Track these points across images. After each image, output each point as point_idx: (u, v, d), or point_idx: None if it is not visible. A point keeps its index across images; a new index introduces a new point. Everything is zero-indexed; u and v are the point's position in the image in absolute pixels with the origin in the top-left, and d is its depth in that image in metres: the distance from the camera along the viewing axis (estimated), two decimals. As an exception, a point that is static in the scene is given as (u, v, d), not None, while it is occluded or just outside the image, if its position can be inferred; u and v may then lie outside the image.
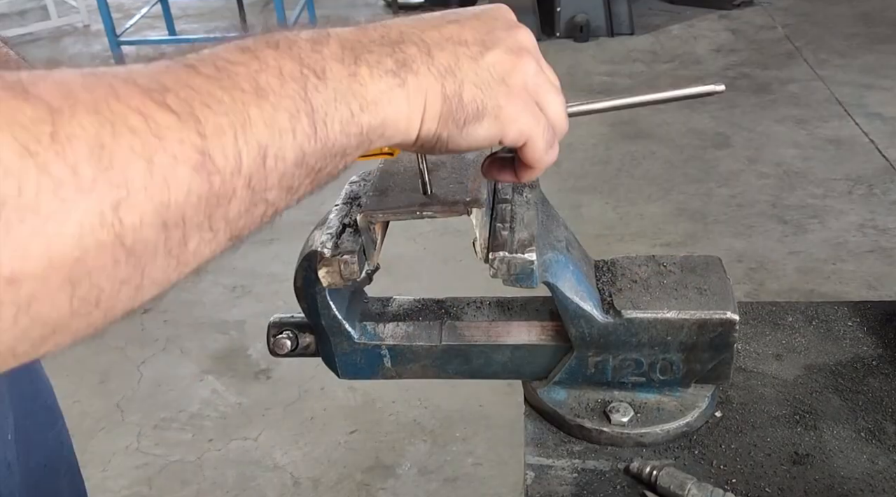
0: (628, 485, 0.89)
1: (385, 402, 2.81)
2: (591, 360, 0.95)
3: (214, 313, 3.32)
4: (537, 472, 0.92)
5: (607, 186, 4.10)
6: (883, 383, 1.02)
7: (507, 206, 0.93)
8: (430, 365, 0.98)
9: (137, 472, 2.59)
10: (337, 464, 2.58)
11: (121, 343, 3.19)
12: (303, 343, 1.00)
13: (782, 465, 0.91)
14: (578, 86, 5.38)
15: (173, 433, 2.74)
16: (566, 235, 0.97)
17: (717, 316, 0.91)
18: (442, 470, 2.54)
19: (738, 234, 3.64)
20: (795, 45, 5.81)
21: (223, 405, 2.85)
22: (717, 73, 5.44)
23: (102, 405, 2.86)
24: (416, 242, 3.69)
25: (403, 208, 0.87)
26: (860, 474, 0.89)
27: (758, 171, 4.16)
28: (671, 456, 0.93)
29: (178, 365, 3.05)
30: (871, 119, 4.62)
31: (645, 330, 0.92)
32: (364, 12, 7.27)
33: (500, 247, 0.86)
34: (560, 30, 6.20)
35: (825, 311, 1.16)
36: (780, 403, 1.00)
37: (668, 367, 0.95)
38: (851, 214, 3.73)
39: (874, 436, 0.94)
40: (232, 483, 2.54)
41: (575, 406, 0.97)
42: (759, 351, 1.09)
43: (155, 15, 6.90)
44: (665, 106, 5.03)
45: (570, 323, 0.92)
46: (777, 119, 4.72)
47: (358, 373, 1.00)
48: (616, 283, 0.97)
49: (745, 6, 6.66)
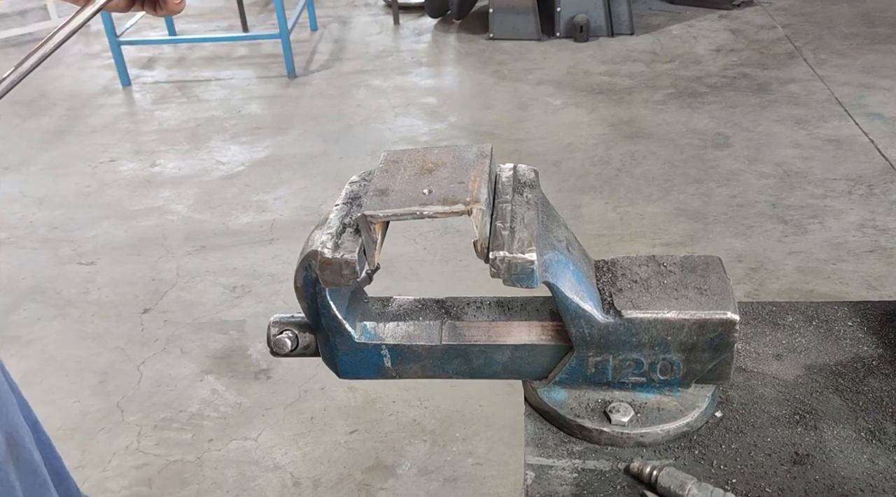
0: (628, 485, 0.89)
1: (385, 402, 2.81)
2: (592, 360, 0.95)
3: (214, 313, 3.32)
4: (537, 472, 0.92)
5: (607, 186, 4.10)
6: (883, 383, 1.02)
7: (508, 206, 0.93)
8: (430, 365, 0.99)
9: (137, 472, 2.59)
10: (337, 464, 2.58)
11: (121, 343, 3.19)
12: (303, 343, 1.00)
13: (782, 465, 0.91)
14: (578, 86, 5.38)
15: (173, 433, 2.74)
16: (566, 235, 0.97)
17: (717, 316, 0.91)
18: (442, 470, 2.54)
19: (738, 234, 3.64)
20: (795, 45, 5.81)
21: (223, 405, 2.85)
22: (717, 73, 5.45)
23: (102, 405, 2.86)
24: (416, 242, 3.69)
25: (403, 208, 0.87)
26: (860, 474, 0.89)
27: (758, 171, 4.17)
28: (671, 456, 0.93)
29: (178, 365, 3.05)
30: (871, 119, 4.62)
31: (645, 330, 0.92)
32: (364, 12, 7.27)
33: (500, 247, 0.86)
34: (560, 30, 6.21)
35: (825, 311, 1.16)
36: (781, 403, 1.00)
37: (669, 367, 0.95)
38: (851, 214, 3.73)
39: (874, 436, 0.94)
40: (232, 483, 2.54)
41: (575, 406, 0.97)
42: (759, 351, 1.09)
43: (155, 15, 6.89)
44: (665, 106, 5.03)
45: (571, 323, 0.92)
46: (777, 119, 4.72)
47: (358, 373, 1.00)
48: (616, 283, 0.97)
49: (745, 6, 6.66)
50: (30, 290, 3.56)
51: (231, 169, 4.55)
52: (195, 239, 3.88)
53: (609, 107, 5.04)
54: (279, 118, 5.19)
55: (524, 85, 5.47)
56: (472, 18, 6.75)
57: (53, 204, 4.29)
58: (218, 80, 5.91)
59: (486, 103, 5.23)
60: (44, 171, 4.67)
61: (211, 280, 3.54)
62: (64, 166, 4.70)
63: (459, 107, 5.25)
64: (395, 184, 0.91)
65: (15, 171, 4.69)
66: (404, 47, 6.36)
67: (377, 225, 0.88)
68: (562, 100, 5.19)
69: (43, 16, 7.22)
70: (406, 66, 5.97)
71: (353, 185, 0.99)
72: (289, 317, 1.01)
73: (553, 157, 4.44)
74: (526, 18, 6.21)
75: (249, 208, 4.10)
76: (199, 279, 3.56)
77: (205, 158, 4.70)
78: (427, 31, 6.68)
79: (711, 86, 5.24)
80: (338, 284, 0.88)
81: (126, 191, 4.39)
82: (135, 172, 4.59)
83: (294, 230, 3.84)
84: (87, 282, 3.60)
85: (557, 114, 5.00)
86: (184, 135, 5.03)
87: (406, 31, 6.74)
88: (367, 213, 0.87)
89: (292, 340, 1.00)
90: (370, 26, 6.88)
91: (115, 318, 3.34)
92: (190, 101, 5.54)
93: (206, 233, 3.92)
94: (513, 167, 1.01)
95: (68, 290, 3.55)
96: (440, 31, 6.68)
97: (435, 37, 6.57)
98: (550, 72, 5.65)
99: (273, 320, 1.01)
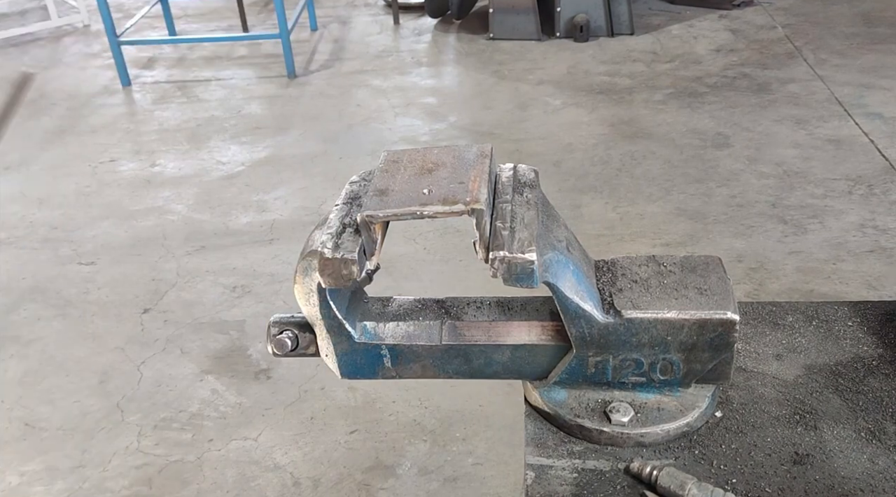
0: (628, 485, 0.89)
1: (385, 402, 2.81)
2: (592, 360, 0.95)
3: (214, 313, 3.32)
4: (537, 472, 0.92)
5: (607, 186, 4.10)
6: (883, 383, 1.02)
7: (508, 206, 0.92)
8: (430, 365, 0.98)
9: (137, 472, 2.59)
10: (337, 464, 2.58)
11: (121, 343, 3.19)
12: (303, 343, 1.00)
13: (782, 465, 0.91)
14: (578, 86, 5.38)
15: (173, 433, 2.74)
16: (566, 235, 0.97)
17: (717, 316, 0.91)
18: (442, 470, 2.54)
19: (738, 234, 3.64)
20: (795, 45, 5.81)
21: (223, 405, 2.85)
22: (717, 73, 5.44)
23: (102, 405, 2.86)
24: (416, 242, 3.69)
25: (403, 208, 0.87)
26: (860, 474, 0.89)
27: (758, 171, 4.17)
28: (671, 456, 0.93)
29: (178, 365, 3.05)
30: (871, 119, 4.62)
31: (645, 330, 0.92)
32: (364, 12, 7.27)
33: (500, 247, 0.86)
34: (560, 30, 6.21)
35: (825, 311, 1.16)
36: (781, 403, 1.00)
37: (669, 367, 0.95)
38: (851, 214, 3.73)
39: (874, 436, 0.94)
40: (232, 483, 2.54)
41: (575, 406, 0.97)
42: (759, 351, 1.09)
43: (155, 15, 6.90)
44: (665, 106, 5.04)
45: (571, 323, 0.92)
46: (777, 119, 4.72)
47: (358, 373, 1.00)
48: (616, 283, 0.97)
49: (745, 6, 6.66)
50: (30, 290, 3.56)
51: (231, 169, 4.55)
52: (195, 239, 3.88)
53: (609, 107, 5.04)
54: (279, 118, 5.19)
55: (524, 85, 5.47)
56: (472, 18, 6.75)
57: (53, 204, 4.29)
58: (218, 80, 5.91)
59: (486, 103, 5.23)
60: (44, 171, 4.67)
61: (211, 280, 3.54)
62: (64, 166, 4.70)
63: (459, 107, 5.24)
64: (395, 184, 0.91)
65: (15, 171, 4.69)
66: (404, 47, 6.36)
67: (377, 225, 0.88)
68: (562, 100, 5.19)
69: (43, 16, 7.22)
70: (406, 66, 5.97)
71: (353, 185, 0.99)
72: (288, 317, 1.01)
73: (553, 157, 4.44)
74: (526, 18, 6.21)
75: (249, 208, 4.10)
76: (199, 279, 3.56)
77: (205, 158, 4.70)
78: (427, 31, 6.68)
79: (711, 86, 5.24)
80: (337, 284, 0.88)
81: (126, 191, 4.39)
82: (135, 172, 4.59)
83: (294, 230, 3.84)
84: (87, 282, 3.60)
85: (557, 114, 5.00)
86: (184, 135, 5.03)
87: (406, 31, 6.74)
88: (367, 213, 0.87)
89: (292, 340, 1.00)
90: (370, 26, 6.87)
91: (115, 318, 3.34)
92: (190, 101, 5.54)
93: (206, 233, 3.92)
94: (513, 167, 1.01)
95: (68, 290, 3.55)
96: (440, 31, 6.68)
97: (435, 37, 6.57)
98: (550, 72, 5.65)
99: (273, 320, 1.01)
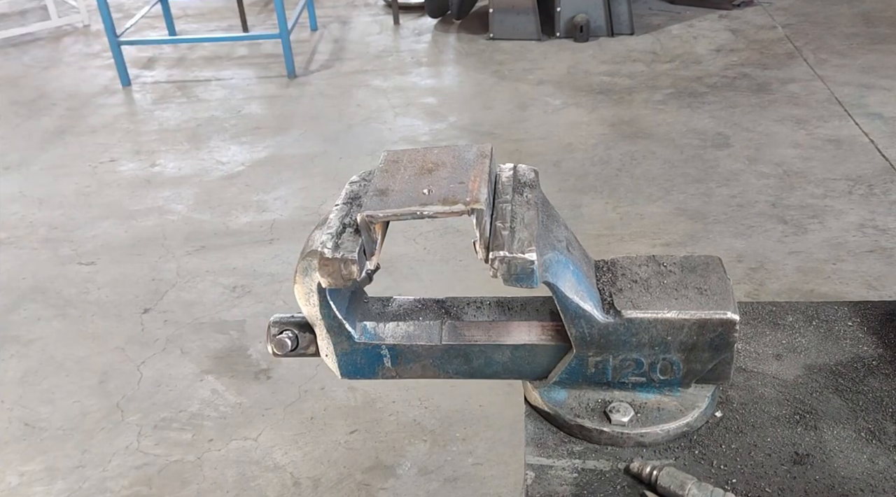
0: (628, 485, 0.89)
1: (385, 402, 2.81)
2: (592, 360, 0.95)
3: (214, 313, 3.32)
4: (537, 472, 0.92)
5: (607, 186, 4.10)
6: (883, 383, 1.02)
7: (508, 206, 0.92)
8: (430, 365, 0.98)
9: (137, 472, 2.59)
10: (337, 464, 2.58)
11: (121, 343, 3.19)
12: (303, 343, 1.00)
13: (782, 465, 0.91)
14: (578, 86, 5.38)
15: (173, 433, 2.74)
16: (566, 235, 0.97)
17: (717, 316, 0.91)
18: (442, 470, 2.54)
19: (738, 234, 3.63)
20: (795, 45, 5.81)
21: (223, 405, 2.85)
22: (717, 73, 5.44)
23: (102, 405, 2.86)
24: (416, 242, 3.69)
25: (403, 208, 0.87)
26: (860, 474, 0.89)
27: (758, 171, 4.16)
28: (671, 456, 0.93)
29: (178, 365, 3.05)
30: (871, 119, 4.62)
31: (645, 330, 0.92)
32: (364, 12, 7.27)
33: (500, 247, 0.86)
34: (560, 30, 6.20)
35: (825, 311, 1.16)
36: (781, 403, 1.00)
37: (669, 367, 0.95)
38: (851, 214, 3.73)
39: (874, 436, 0.94)
40: (232, 483, 2.54)
41: (575, 406, 0.97)
42: (759, 351, 1.09)
43: (155, 15, 6.90)
44: (665, 106, 5.03)
45: (571, 323, 0.92)
46: (777, 119, 4.72)
47: (358, 372, 1.00)
48: (616, 283, 0.97)
49: (745, 6, 6.66)
50: (30, 290, 3.56)
51: (231, 169, 4.55)
52: (195, 239, 3.88)
53: (609, 107, 5.04)
54: (279, 118, 5.19)
55: (524, 85, 5.47)
56: (472, 18, 6.75)
57: (53, 204, 4.29)
58: (218, 80, 5.91)
59: (486, 103, 5.23)
60: (44, 171, 4.67)
61: (211, 280, 3.54)
62: (64, 166, 4.70)
63: (459, 107, 5.24)
64: (395, 184, 0.91)
65: (15, 171, 4.69)
66: (404, 47, 6.36)
67: (377, 225, 0.88)
68: (562, 100, 5.19)
69: (43, 16, 7.22)
70: (406, 66, 5.97)
71: (353, 185, 0.99)
72: (288, 317, 1.01)
73: (553, 157, 4.44)
74: (526, 18, 6.21)
75: (249, 208, 4.10)
76: (199, 279, 3.56)
77: (205, 158, 4.70)
78: (427, 31, 6.68)
79: (711, 86, 5.24)
80: (337, 284, 0.88)
81: (126, 191, 4.39)
82: (135, 172, 4.59)
83: (294, 230, 3.84)
84: (87, 282, 3.60)
85: (557, 114, 5.00)
86: (184, 135, 5.03)
87: (406, 31, 6.74)
88: (367, 213, 0.87)
89: (292, 340, 1.00)
90: (370, 26, 6.87)
91: (115, 318, 3.34)
92: (190, 101, 5.54)
93: (206, 233, 3.92)
94: (513, 167, 1.01)
95: (68, 289, 3.55)
96: (440, 31, 6.68)
97: (435, 37, 6.57)
98: (550, 72, 5.65)
99: (273, 320, 1.01)
